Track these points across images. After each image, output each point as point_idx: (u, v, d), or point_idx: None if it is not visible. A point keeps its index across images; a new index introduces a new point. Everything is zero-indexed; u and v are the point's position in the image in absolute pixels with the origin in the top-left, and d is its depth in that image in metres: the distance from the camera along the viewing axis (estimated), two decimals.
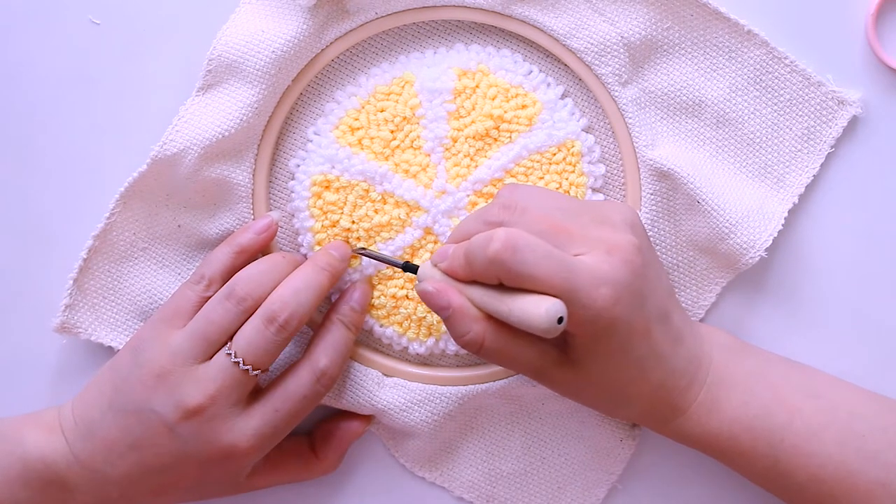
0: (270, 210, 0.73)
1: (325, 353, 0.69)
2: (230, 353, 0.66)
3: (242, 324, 0.67)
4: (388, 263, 0.70)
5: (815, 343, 0.73)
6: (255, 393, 0.68)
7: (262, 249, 0.71)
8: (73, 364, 0.75)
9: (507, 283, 0.61)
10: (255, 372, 0.66)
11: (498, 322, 0.62)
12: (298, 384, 0.68)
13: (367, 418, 0.74)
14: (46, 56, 0.74)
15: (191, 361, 0.66)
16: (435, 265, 0.65)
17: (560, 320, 0.59)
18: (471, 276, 0.63)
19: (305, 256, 0.73)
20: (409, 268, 0.68)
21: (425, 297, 0.64)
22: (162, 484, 0.68)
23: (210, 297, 0.68)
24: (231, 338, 0.67)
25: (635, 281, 0.62)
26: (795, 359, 0.71)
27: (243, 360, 0.66)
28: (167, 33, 0.73)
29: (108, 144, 0.74)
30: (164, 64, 0.73)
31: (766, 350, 0.71)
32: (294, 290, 0.67)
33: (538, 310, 0.59)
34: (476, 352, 0.63)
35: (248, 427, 0.67)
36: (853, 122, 0.72)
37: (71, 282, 0.72)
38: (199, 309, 0.68)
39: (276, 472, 0.72)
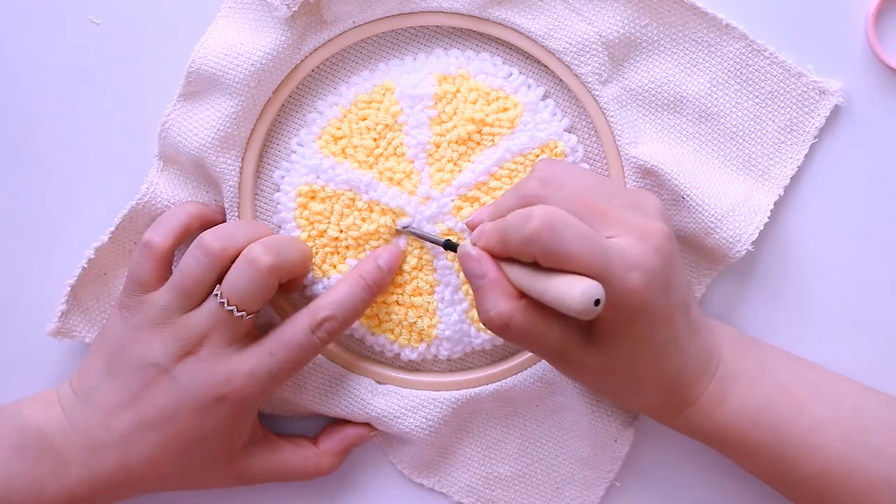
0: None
1: (329, 305, 0.68)
2: (216, 295, 0.67)
3: (218, 274, 0.68)
4: (430, 241, 0.70)
5: (803, 335, 0.73)
6: (255, 337, 0.69)
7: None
8: (73, 365, 0.75)
9: (543, 262, 0.60)
10: (241, 313, 0.67)
11: (528, 302, 0.62)
12: (294, 330, 0.68)
13: (373, 427, 0.74)
14: (46, 56, 0.74)
15: (179, 313, 0.68)
16: (474, 244, 0.65)
17: (597, 302, 0.58)
18: (506, 254, 0.63)
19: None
20: (450, 246, 0.68)
21: (465, 261, 0.64)
22: (158, 442, 0.68)
23: (167, 247, 0.69)
24: (212, 287, 0.68)
25: (664, 269, 0.62)
26: None
27: (228, 301, 0.67)
28: (167, 33, 0.73)
29: (107, 144, 0.74)
30: (164, 64, 0.73)
31: (770, 344, 0.71)
32: (276, 239, 0.68)
33: (574, 290, 0.58)
34: (500, 330, 0.62)
35: (242, 366, 0.67)
36: (843, 116, 0.72)
37: (68, 288, 0.72)
38: (162, 262, 0.69)
39: (273, 457, 0.72)
